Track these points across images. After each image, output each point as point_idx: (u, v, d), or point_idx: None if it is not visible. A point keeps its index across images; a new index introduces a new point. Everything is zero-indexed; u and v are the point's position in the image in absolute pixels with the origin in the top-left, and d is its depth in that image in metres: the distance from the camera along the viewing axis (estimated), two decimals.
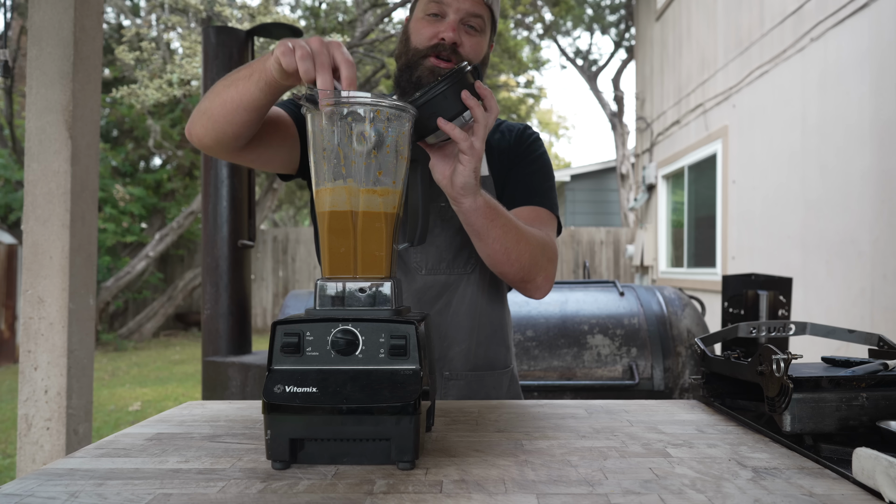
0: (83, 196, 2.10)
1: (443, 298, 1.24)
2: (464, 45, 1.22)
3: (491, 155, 1.31)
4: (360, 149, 0.79)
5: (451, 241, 1.24)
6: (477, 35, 1.24)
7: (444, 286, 1.24)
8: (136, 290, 10.05)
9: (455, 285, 1.24)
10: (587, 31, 15.19)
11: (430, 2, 1.22)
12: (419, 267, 1.24)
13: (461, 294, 1.24)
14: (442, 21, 1.21)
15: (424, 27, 1.22)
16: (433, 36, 1.21)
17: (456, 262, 1.24)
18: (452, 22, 1.20)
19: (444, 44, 1.20)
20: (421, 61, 1.21)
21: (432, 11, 1.21)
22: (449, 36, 1.19)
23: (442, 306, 1.24)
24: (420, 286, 1.24)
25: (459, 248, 1.24)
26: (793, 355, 0.81)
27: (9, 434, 4.28)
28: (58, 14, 2.06)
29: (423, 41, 1.21)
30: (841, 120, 4.12)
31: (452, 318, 1.24)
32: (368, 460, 0.74)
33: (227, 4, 8.16)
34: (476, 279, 1.25)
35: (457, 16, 1.21)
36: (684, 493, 0.65)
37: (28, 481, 0.69)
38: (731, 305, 2.41)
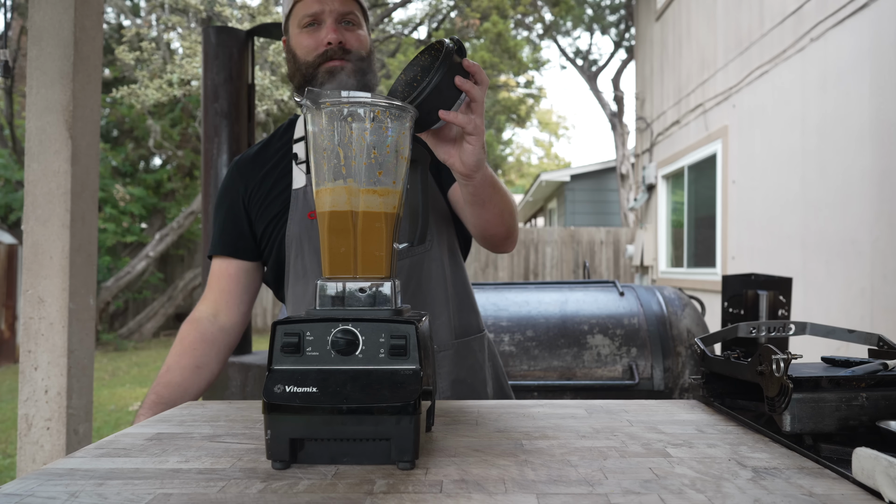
0: (83, 196, 2.10)
1: (413, 280, 1.26)
2: (349, 41, 1.25)
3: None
4: (359, 148, 0.79)
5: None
6: (356, 29, 1.28)
7: (410, 268, 1.26)
8: (136, 290, 10.06)
9: (419, 264, 1.27)
10: (587, 31, 15.20)
11: (303, 15, 1.25)
12: None
13: (427, 271, 1.28)
14: (319, 28, 1.25)
15: (304, 39, 1.26)
16: (317, 45, 1.24)
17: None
18: (331, 24, 1.24)
19: (331, 47, 1.23)
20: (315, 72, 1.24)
21: (307, 23, 1.25)
22: (333, 37, 1.23)
23: (415, 287, 1.26)
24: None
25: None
26: (793, 355, 0.81)
27: (9, 434, 4.28)
28: (58, 14, 2.06)
29: (310, 53, 1.25)
30: (841, 120, 4.12)
31: (426, 296, 1.27)
32: (368, 460, 0.74)
33: (227, 4, 8.16)
34: (436, 254, 1.29)
35: (332, 18, 1.25)
36: (684, 493, 0.65)
37: (28, 481, 0.69)
38: (730, 305, 2.40)
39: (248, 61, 3.04)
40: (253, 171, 1.35)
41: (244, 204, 1.33)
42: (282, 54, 8.11)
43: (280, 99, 8.14)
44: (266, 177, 1.33)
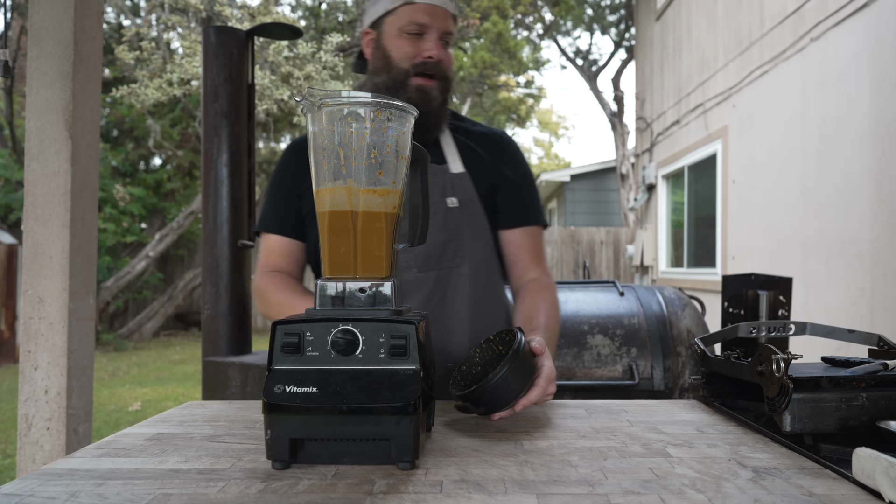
0: (83, 196, 2.10)
1: (437, 294, 1.27)
2: (444, 60, 1.30)
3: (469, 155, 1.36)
4: (359, 148, 0.79)
5: (435, 237, 1.28)
6: (448, 49, 1.33)
7: (436, 282, 1.27)
8: (136, 290, 10.05)
9: (446, 280, 1.28)
10: (587, 31, 15.19)
11: (410, 21, 1.28)
12: (409, 265, 1.27)
13: (454, 287, 1.28)
14: (422, 39, 1.28)
15: (406, 45, 1.28)
16: (416, 54, 1.27)
17: (444, 258, 1.28)
18: (435, 40, 1.28)
19: (430, 62, 1.27)
20: (406, 81, 1.28)
21: (413, 31, 1.28)
22: (436, 53, 1.27)
23: (437, 301, 1.27)
24: (413, 284, 1.27)
25: (445, 243, 1.28)
26: (793, 355, 0.81)
27: (9, 434, 4.28)
28: (58, 14, 2.06)
29: (407, 59, 1.28)
30: (841, 120, 4.12)
31: (449, 312, 1.27)
32: (368, 460, 0.74)
33: (227, 4, 8.16)
34: (467, 271, 1.29)
35: (436, 34, 1.28)
36: (684, 493, 0.65)
37: (28, 481, 0.69)
38: (731, 305, 2.40)
39: (248, 61, 3.04)
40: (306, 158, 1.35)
41: (297, 186, 1.35)
42: (282, 53, 8.11)
43: (280, 99, 8.14)
44: None
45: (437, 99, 1.29)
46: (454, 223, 1.29)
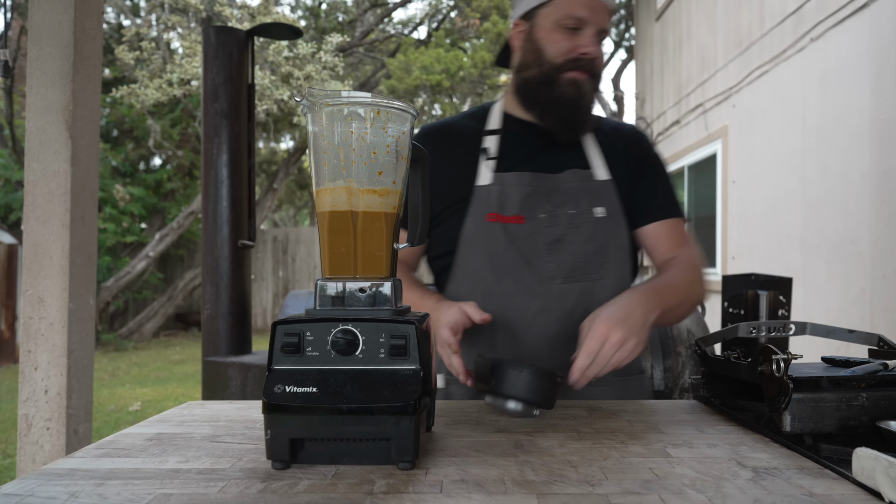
0: (83, 196, 2.10)
1: (581, 305, 1.23)
2: (598, 57, 1.25)
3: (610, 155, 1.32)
4: (359, 148, 0.79)
5: (582, 248, 1.24)
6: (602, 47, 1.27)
7: (580, 293, 1.23)
8: (136, 290, 10.06)
9: (591, 291, 1.24)
10: None
11: (567, 15, 1.22)
12: (554, 276, 1.23)
13: (598, 299, 1.22)
14: (579, 34, 1.23)
15: (561, 39, 1.23)
16: (572, 49, 1.22)
17: (589, 269, 1.24)
18: (592, 36, 1.23)
19: (585, 59, 1.23)
20: (559, 76, 1.23)
21: (570, 25, 1.22)
22: (592, 50, 1.22)
23: (581, 313, 1.20)
24: (558, 295, 1.23)
25: (592, 254, 1.24)
26: (793, 355, 0.81)
27: (9, 434, 4.28)
28: (58, 14, 2.05)
29: (562, 54, 1.23)
30: (841, 120, 4.12)
31: None
32: (368, 460, 0.74)
33: (227, 4, 8.16)
34: (610, 283, 1.25)
35: (593, 30, 1.23)
36: (684, 493, 0.65)
37: (28, 481, 0.69)
38: (731, 305, 2.40)
39: (248, 61, 3.04)
40: (442, 148, 1.32)
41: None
42: (282, 53, 8.11)
43: (280, 99, 8.14)
44: (453, 160, 1.31)
45: (590, 95, 1.25)
46: (602, 234, 1.25)
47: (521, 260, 1.23)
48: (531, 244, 1.23)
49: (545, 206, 1.25)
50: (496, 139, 1.31)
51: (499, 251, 1.23)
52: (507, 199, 1.25)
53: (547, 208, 1.25)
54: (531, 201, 1.25)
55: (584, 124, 1.28)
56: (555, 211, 1.24)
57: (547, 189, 1.26)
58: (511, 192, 1.25)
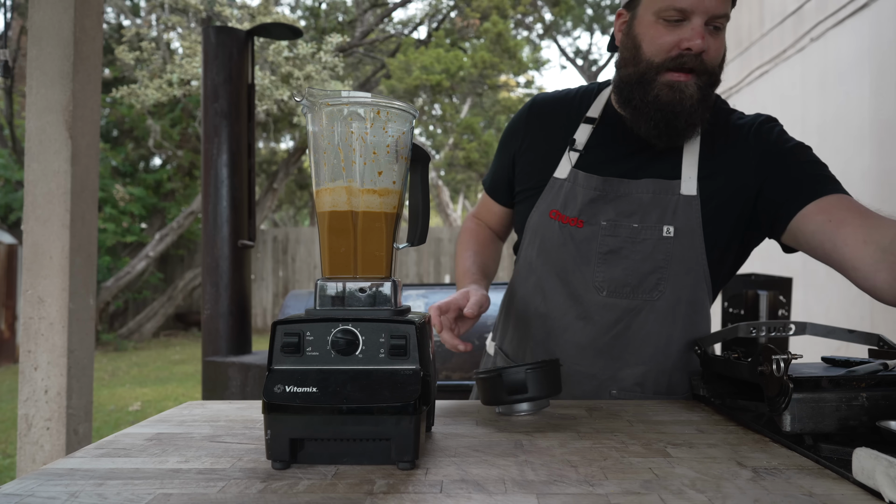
0: (83, 196, 2.10)
1: (622, 322, 1.16)
2: (709, 50, 1.08)
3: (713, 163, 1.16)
4: (359, 148, 0.79)
5: (637, 266, 1.14)
6: (720, 35, 1.10)
7: (624, 310, 1.16)
8: (136, 290, 10.05)
9: (637, 310, 1.16)
10: (587, 31, 15.19)
11: (669, 6, 1.07)
12: (601, 287, 1.16)
13: (643, 320, 1.16)
14: (683, 26, 1.07)
15: (663, 34, 1.08)
16: (674, 45, 1.07)
17: (641, 288, 1.15)
18: (699, 27, 1.06)
19: (689, 54, 1.07)
20: (656, 76, 1.10)
21: (672, 17, 1.07)
22: (697, 45, 1.06)
23: (621, 330, 1.16)
24: (600, 306, 1.16)
25: (647, 274, 1.15)
26: (793, 355, 0.81)
27: (9, 434, 4.28)
28: (58, 14, 2.06)
29: (662, 51, 1.09)
30: (841, 120, 4.12)
31: (630, 342, 1.16)
32: (368, 460, 0.74)
33: (227, 4, 8.16)
34: (662, 306, 1.15)
35: (702, 18, 1.06)
36: (684, 493, 0.65)
37: (28, 481, 0.69)
38: (731, 305, 2.40)
39: (248, 61, 3.04)
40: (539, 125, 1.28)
41: (514, 157, 1.30)
42: (282, 53, 8.11)
43: (280, 99, 8.14)
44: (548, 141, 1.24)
45: (694, 97, 1.09)
46: (663, 255, 1.13)
47: (572, 263, 1.18)
48: (585, 250, 1.17)
49: (609, 213, 1.16)
50: (589, 129, 1.22)
51: (552, 250, 1.20)
52: (572, 199, 1.18)
53: (610, 216, 1.16)
54: (595, 206, 1.16)
55: (685, 129, 1.12)
56: (618, 220, 1.15)
57: (615, 195, 1.16)
58: (578, 192, 1.18)
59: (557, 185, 1.20)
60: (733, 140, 1.17)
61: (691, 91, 1.09)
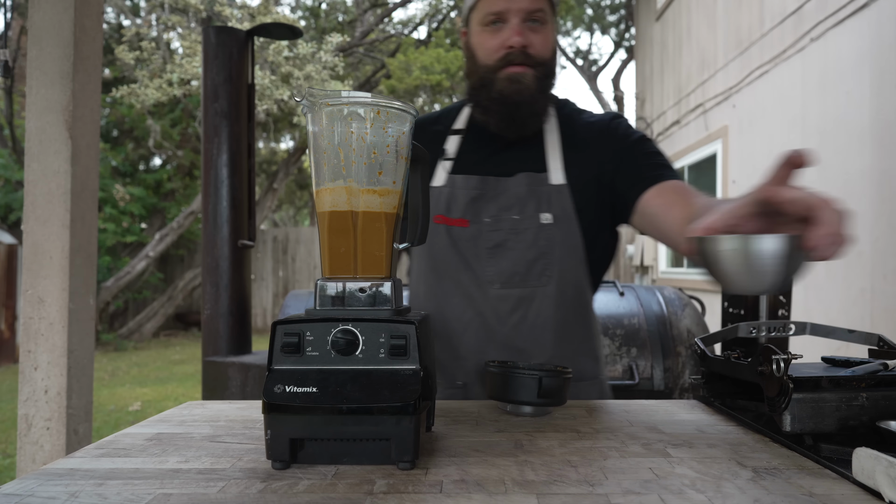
0: (83, 196, 2.10)
1: (518, 312, 1.21)
2: (533, 44, 1.18)
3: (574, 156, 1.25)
4: (359, 148, 0.79)
5: (523, 254, 1.21)
6: (542, 28, 1.20)
7: (518, 300, 1.21)
8: (136, 290, 10.05)
9: (530, 298, 1.21)
10: (587, 31, 15.19)
11: (486, 13, 1.18)
12: (493, 280, 1.22)
13: (537, 307, 1.21)
14: (504, 27, 1.18)
15: (487, 39, 1.19)
16: (499, 47, 1.18)
17: (530, 276, 1.21)
18: (516, 25, 1.17)
19: (513, 51, 1.17)
20: (494, 75, 1.19)
21: (490, 21, 1.18)
22: (516, 41, 1.17)
23: (518, 320, 1.21)
24: (494, 299, 1.22)
25: (533, 261, 1.21)
26: (793, 355, 0.81)
27: (9, 434, 4.28)
28: (58, 14, 2.05)
29: (490, 55, 1.19)
30: (841, 120, 4.12)
31: (530, 332, 1.22)
32: (368, 460, 0.74)
33: (227, 4, 8.16)
34: (552, 291, 1.21)
35: (518, 17, 1.17)
36: (684, 493, 0.65)
37: (28, 481, 0.69)
38: (731, 305, 2.40)
39: (248, 61, 3.04)
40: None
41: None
42: (282, 53, 8.11)
43: (280, 99, 8.14)
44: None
45: (532, 87, 1.18)
46: (546, 241, 1.21)
47: (461, 263, 1.23)
48: (473, 248, 1.23)
49: (491, 210, 1.23)
50: (458, 140, 1.30)
51: (441, 253, 1.23)
52: (454, 202, 1.24)
53: (492, 212, 1.23)
54: (477, 205, 1.23)
55: (530, 118, 1.22)
56: (499, 215, 1.22)
57: (495, 193, 1.23)
58: (459, 194, 1.24)
59: (436, 192, 1.25)
60: (589, 135, 1.27)
61: (528, 81, 1.19)
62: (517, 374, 0.97)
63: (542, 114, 1.24)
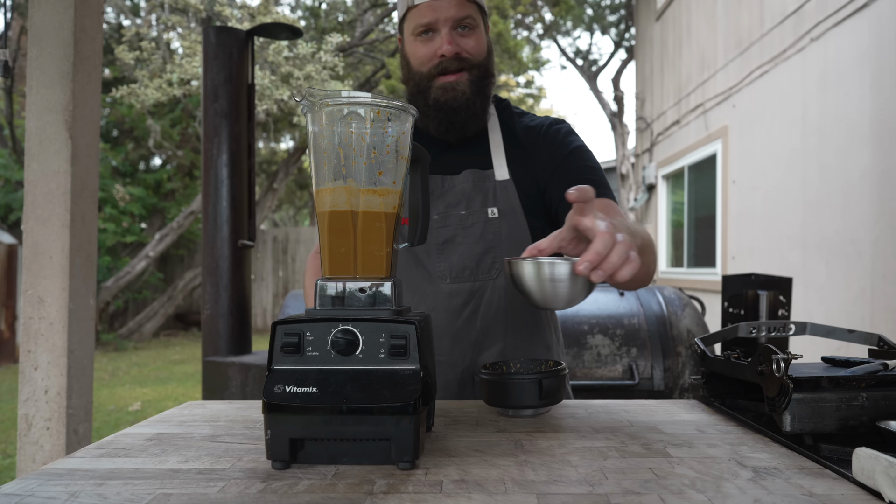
0: (83, 196, 2.10)
1: (470, 305, 1.24)
2: (466, 48, 1.21)
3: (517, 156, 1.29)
4: (359, 148, 0.79)
5: (471, 248, 1.23)
6: (473, 33, 1.23)
7: (469, 293, 1.24)
8: (136, 290, 10.06)
9: (481, 291, 1.24)
10: (587, 31, 15.19)
11: (416, 24, 1.21)
12: (443, 275, 1.24)
13: (488, 300, 1.24)
14: (434, 38, 1.21)
15: (419, 48, 1.22)
16: (431, 56, 1.21)
17: (479, 269, 1.24)
18: (446, 35, 1.20)
19: (445, 59, 1.20)
20: (429, 83, 1.22)
21: (420, 31, 1.21)
22: (447, 49, 1.20)
23: (469, 313, 1.23)
24: (446, 294, 1.23)
25: (481, 255, 1.24)
26: (793, 355, 0.81)
27: (9, 434, 4.28)
28: (58, 14, 2.05)
29: (425, 63, 1.22)
30: (841, 120, 4.12)
31: (481, 324, 1.24)
32: (368, 460, 0.74)
33: (227, 4, 8.16)
34: (502, 283, 1.24)
35: (447, 26, 1.20)
36: (684, 493, 0.65)
37: (28, 481, 0.69)
38: (731, 305, 2.41)
39: (248, 61, 3.04)
40: None
41: None
42: (282, 53, 8.11)
43: (280, 99, 8.14)
44: None
45: (466, 92, 1.22)
46: (493, 234, 1.24)
47: (412, 260, 1.25)
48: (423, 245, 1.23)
49: (439, 207, 1.25)
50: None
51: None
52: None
53: (440, 209, 1.25)
54: None
55: (468, 120, 1.24)
56: (447, 212, 1.25)
57: (442, 191, 1.26)
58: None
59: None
60: (529, 136, 1.30)
61: (462, 87, 1.22)
62: (516, 379, 0.96)
63: (480, 115, 1.26)
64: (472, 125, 1.27)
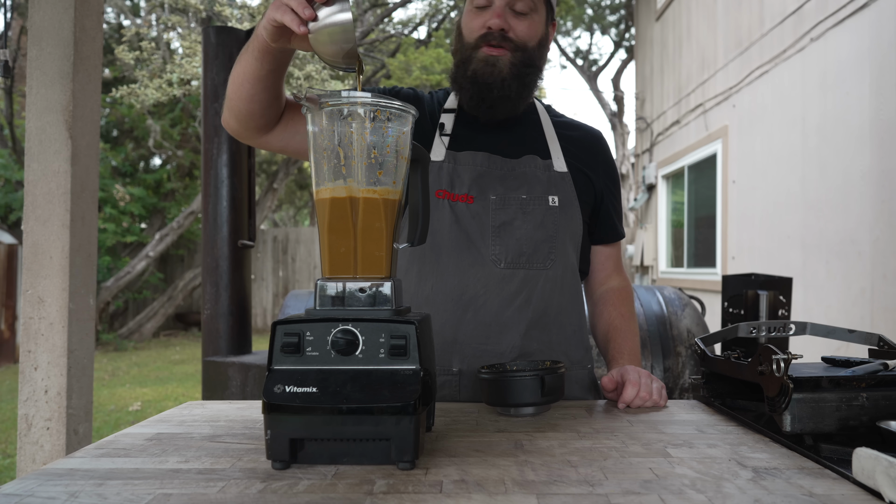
0: (83, 196, 2.10)
1: (523, 294, 1.20)
2: (513, 29, 1.21)
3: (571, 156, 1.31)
4: (359, 148, 0.79)
5: (531, 234, 1.21)
6: (527, 18, 1.23)
7: (523, 281, 1.20)
8: (136, 290, 10.05)
9: (534, 281, 1.21)
10: (587, 31, 15.19)
11: None
12: (498, 259, 1.20)
13: (541, 290, 1.22)
14: (489, 10, 1.21)
15: (473, 19, 1.23)
16: (480, 26, 1.21)
17: (535, 257, 1.22)
18: (498, 8, 1.20)
19: (492, 32, 1.20)
20: (473, 53, 1.22)
21: (480, 4, 1.22)
22: (495, 23, 1.19)
23: (522, 302, 1.20)
24: (498, 279, 1.20)
25: (540, 242, 1.22)
26: (793, 355, 0.81)
27: (9, 434, 4.28)
28: (58, 14, 2.05)
29: (474, 32, 1.22)
30: (841, 120, 4.12)
31: (533, 315, 1.21)
32: (368, 460, 0.74)
33: (227, 4, 8.16)
34: (553, 275, 1.23)
35: (502, 2, 1.21)
36: (684, 493, 0.65)
37: (28, 481, 0.69)
38: (731, 305, 2.40)
39: None
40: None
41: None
42: None
43: None
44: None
45: (504, 71, 1.20)
46: (553, 223, 1.22)
47: (465, 240, 1.20)
48: (477, 225, 1.21)
49: (497, 188, 1.23)
50: (452, 117, 1.30)
51: (443, 229, 1.20)
52: (458, 178, 1.22)
53: (499, 191, 1.22)
54: (483, 182, 1.23)
55: (496, 103, 1.23)
56: (507, 194, 1.22)
57: (501, 172, 1.24)
58: (463, 170, 1.23)
59: (437, 167, 1.24)
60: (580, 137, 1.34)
61: (503, 64, 1.21)
62: (517, 377, 0.96)
63: (515, 100, 1.24)
64: (503, 108, 1.24)
